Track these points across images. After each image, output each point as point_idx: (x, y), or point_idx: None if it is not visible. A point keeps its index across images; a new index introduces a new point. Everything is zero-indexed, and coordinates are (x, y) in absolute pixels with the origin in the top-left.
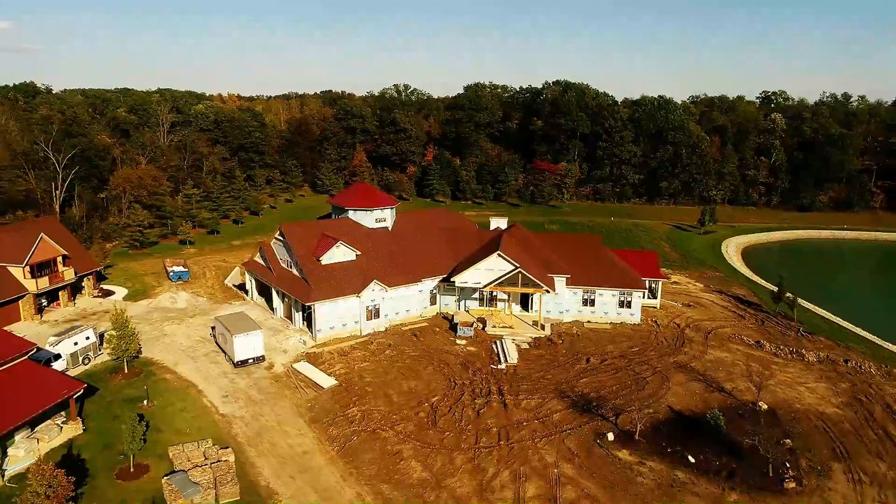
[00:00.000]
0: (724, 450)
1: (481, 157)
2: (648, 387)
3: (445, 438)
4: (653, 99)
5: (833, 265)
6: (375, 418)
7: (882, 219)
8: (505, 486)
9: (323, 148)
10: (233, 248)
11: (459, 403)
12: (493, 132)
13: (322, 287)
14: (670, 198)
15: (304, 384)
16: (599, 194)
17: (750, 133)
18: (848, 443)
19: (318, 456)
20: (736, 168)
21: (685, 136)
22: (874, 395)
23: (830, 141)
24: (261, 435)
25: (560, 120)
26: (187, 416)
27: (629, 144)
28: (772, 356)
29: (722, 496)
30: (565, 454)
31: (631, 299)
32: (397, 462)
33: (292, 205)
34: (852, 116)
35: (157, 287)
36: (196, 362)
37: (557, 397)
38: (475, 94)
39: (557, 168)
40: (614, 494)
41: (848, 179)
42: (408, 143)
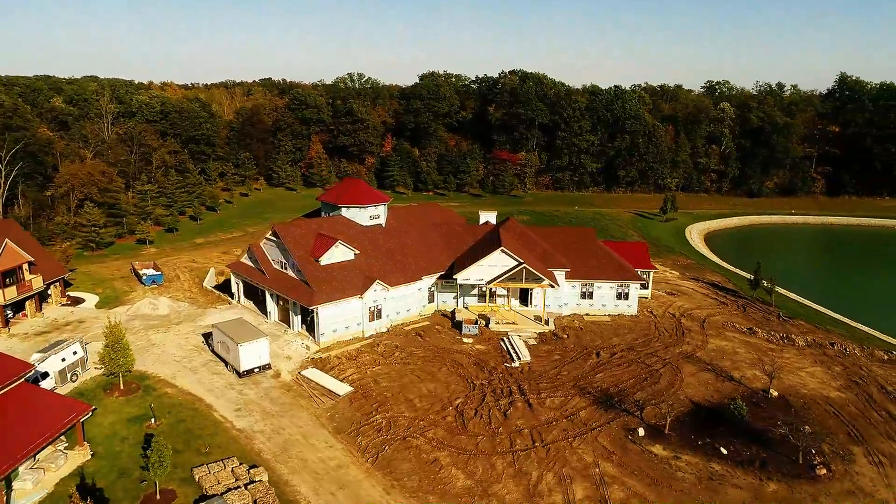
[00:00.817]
0: (750, 439)
1: (440, 148)
2: (663, 379)
3: (479, 443)
4: (609, 89)
5: (790, 249)
6: (402, 425)
7: (823, 203)
8: (552, 490)
9: (277, 139)
10: (196, 246)
11: (484, 405)
12: (452, 122)
13: (324, 289)
14: (627, 186)
15: (319, 392)
16: (559, 183)
17: (701, 122)
18: (859, 426)
19: (354, 469)
20: (689, 156)
21: (641, 126)
22: (867, 377)
23: (776, 129)
24: (287, 450)
25: (519, 110)
26: (202, 434)
27: (587, 134)
28: (765, 343)
29: (761, 486)
30: (602, 452)
31: (628, 291)
32: (437, 471)
33: (248, 199)
34: (793, 106)
35: (131, 292)
36: (196, 374)
37: (579, 394)
38: (432, 84)
39: (517, 158)
40: (660, 491)
41: (791, 166)
42: (365, 133)
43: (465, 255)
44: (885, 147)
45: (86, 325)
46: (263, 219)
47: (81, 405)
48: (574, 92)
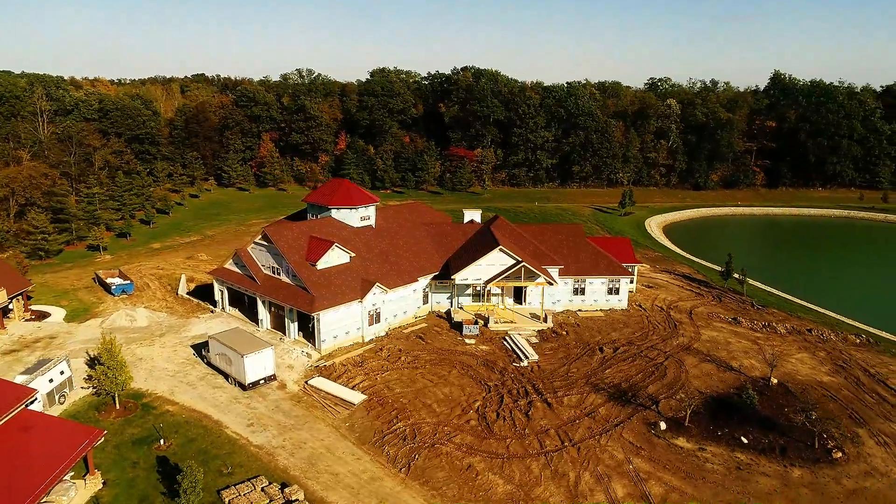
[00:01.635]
0: (764, 426)
1: (396, 145)
2: (669, 372)
3: (510, 445)
4: (561, 86)
5: (744, 239)
6: (427, 432)
7: (763, 195)
8: (593, 490)
9: (225, 138)
10: (154, 252)
11: (504, 407)
12: (406, 119)
13: (324, 294)
14: (581, 181)
15: (332, 402)
16: (515, 179)
17: (650, 118)
18: (856, 408)
19: (388, 481)
20: (638, 151)
21: (594, 122)
22: (850, 361)
23: (719, 125)
24: (314, 464)
25: (475, 106)
26: (218, 453)
27: (542, 130)
28: (751, 332)
29: (786, 473)
30: (630, 448)
31: (619, 286)
32: (474, 477)
33: (200, 200)
34: (732, 103)
35: (100, 304)
36: (195, 388)
37: (593, 391)
38: (386, 80)
39: (474, 154)
40: (696, 484)
41: (733, 160)
42: (319, 131)
43: (458, 255)
44: (817, 141)
45: (59, 342)
46: (220, 221)
47: (91, 430)
48: (527, 88)
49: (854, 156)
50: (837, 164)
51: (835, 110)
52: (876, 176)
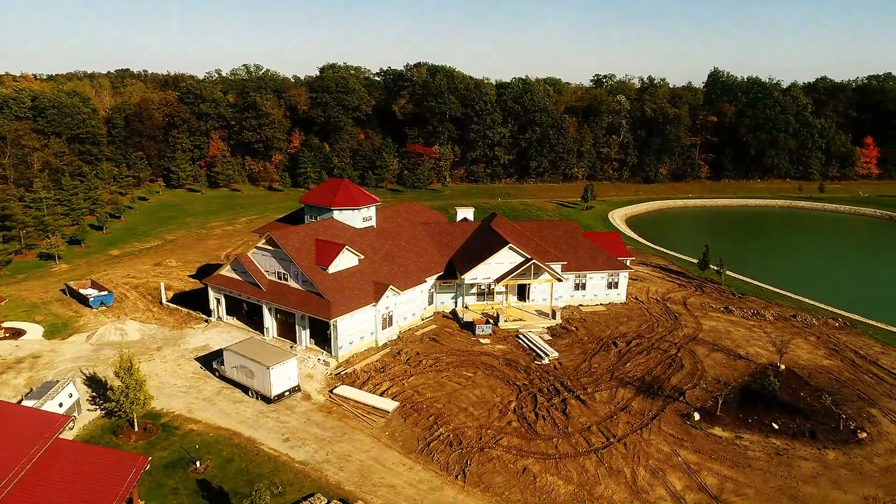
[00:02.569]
0: (789, 411)
1: (352, 143)
2: (686, 363)
3: (558, 445)
4: (516, 82)
5: (703, 229)
6: (471, 436)
7: (709, 187)
8: (652, 485)
9: (171, 136)
10: (114, 259)
11: (540, 406)
12: (361, 116)
13: (339, 299)
14: (538, 176)
15: (364, 411)
16: (473, 175)
17: (601, 114)
18: (861, 390)
19: (449, 489)
20: (591, 146)
21: (549, 118)
22: (840, 344)
23: (667, 120)
24: (367, 478)
25: (432, 103)
26: (261, 472)
27: (499, 126)
28: (743, 320)
29: (822, 455)
30: (673, 441)
31: (618, 280)
32: (533, 480)
33: (149, 203)
34: (677, 98)
35: (80, 318)
36: (214, 404)
37: (620, 385)
38: (339, 77)
39: (432, 151)
40: (745, 472)
41: (680, 154)
42: (271, 128)
43: (462, 254)
44: (756, 135)
45: (44, 361)
46: (177, 224)
47: (134, 457)
48: (481, 84)
49: (790, 149)
50: (775, 156)
51: (771, 106)
52: (808, 167)
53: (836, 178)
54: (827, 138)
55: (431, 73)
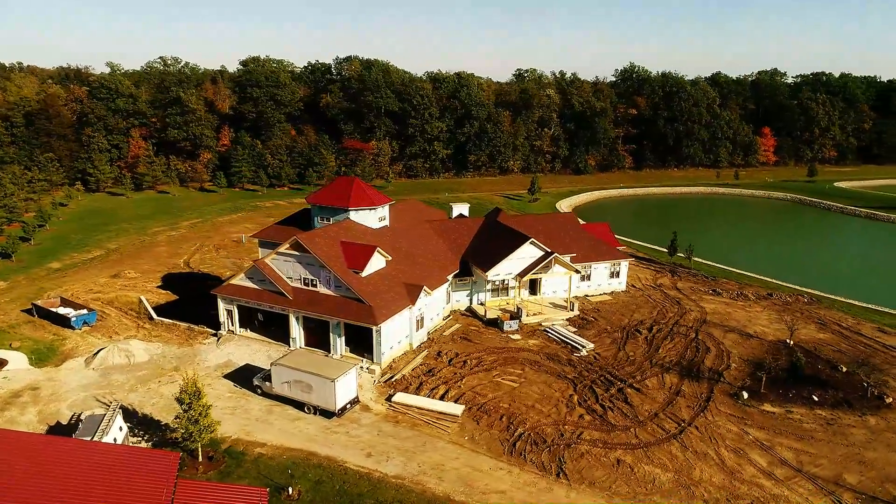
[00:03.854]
0: (816, 384)
1: (285, 139)
2: (710, 345)
3: (637, 434)
4: (452, 76)
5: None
6: (551, 433)
7: (633, 176)
8: (741, 464)
9: (85, 135)
10: (58, 273)
11: (601, 398)
12: (292, 112)
13: (380, 303)
14: (475, 170)
15: (433, 417)
16: (412, 170)
17: (533, 108)
18: (863, 359)
19: (558, 489)
20: (525, 139)
21: (485, 112)
22: (823, 318)
23: (595, 113)
24: (471, 486)
25: (369, 97)
26: (361, 492)
27: (436, 121)
28: (733, 301)
29: (865, 422)
30: (736, 420)
31: (620, 269)
32: (631, 471)
33: (71, 209)
34: (599, 92)
35: (65, 341)
36: (271, 424)
37: (663, 371)
38: (269, 70)
39: (370, 147)
40: (812, 444)
41: (606, 145)
42: (198, 125)
43: (475, 251)
44: (673, 126)
45: (48, 393)
46: (114, 231)
47: (254, 490)
48: (416, 79)
49: (703, 139)
50: (690, 146)
51: (685, 99)
52: (718, 156)
53: (741, 166)
54: (733, 129)
55: (366, 68)
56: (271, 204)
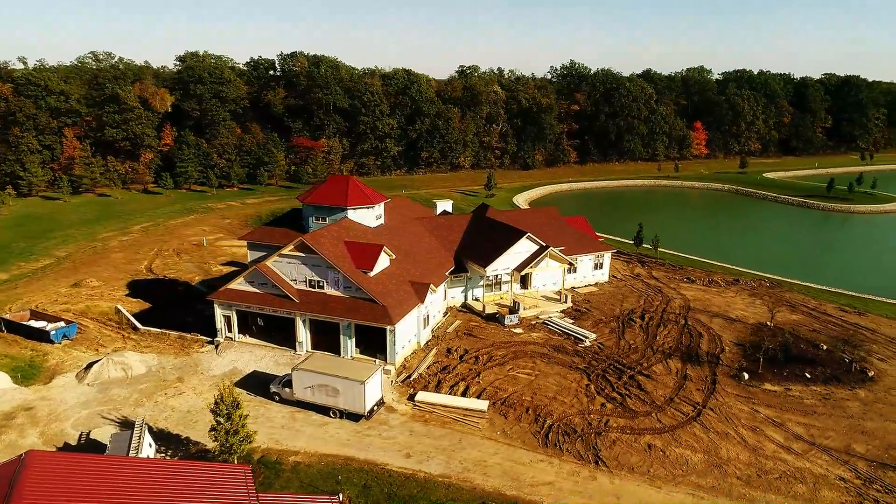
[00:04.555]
0: (804, 362)
1: (231, 138)
2: (701, 331)
3: (661, 419)
4: (401, 74)
5: (597, 208)
6: (578, 423)
7: (578, 170)
8: (760, 441)
9: (13, 136)
10: (6, 284)
11: (616, 387)
12: (237, 109)
13: (392, 303)
14: (427, 167)
15: (460, 414)
16: (363, 168)
17: (481, 104)
18: (838, 337)
19: (602, 477)
20: (474, 136)
21: (436, 109)
22: (792, 301)
23: (541, 109)
24: (519, 479)
25: (318, 94)
26: (411, 493)
27: (387, 118)
28: (707, 287)
29: (856, 395)
30: (744, 400)
31: (603, 261)
32: (664, 454)
33: (3, 215)
34: (542, 89)
35: (46, 356)
36: (299, 430)
37: (666, 358)
38: (212, 66)
39: (321, 145)
40: (817, 418)
41: (552, 141)
42: (139, 124)
43: (468, 247)
44: (615, 122)
45: (45, 413)
46: (59, 238)
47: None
48: (365, 76)
49: (642, 134)
50: (631, 141)
51: (625, 95)
52: (656, 150)
53: (676, 159)
54: (669, 124)
55: (314, 64)
56: (224, 205)
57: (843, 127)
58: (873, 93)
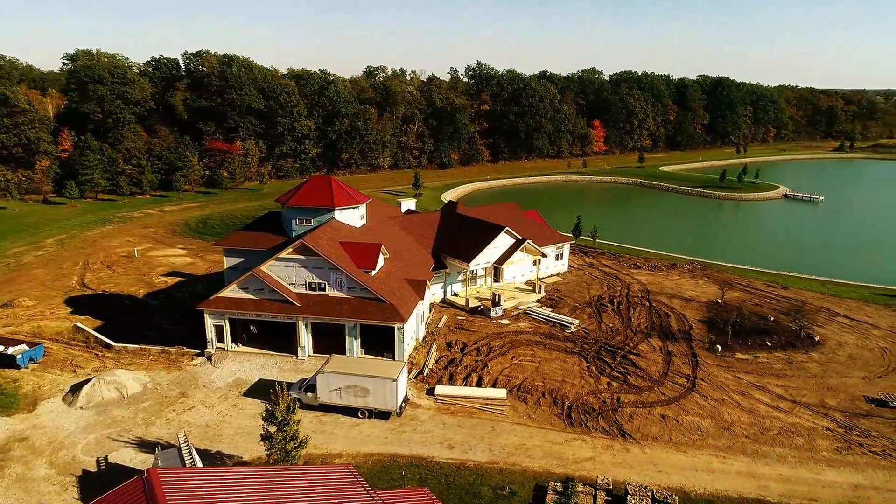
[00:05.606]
0: (759, 333)
1: (138, 142)
2: (667, 311)
3: (664, 392)
4: (317, 74)
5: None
6: (594, 402)
7: (491, 168)
8: (753, 404)
9: None
10: None
11: (614, 367)
12: (142, 111)
13: (398, 301)
14: (347, 168)
15: (481, 403)
16: (282, 171)
17: (398, 104)
18: (778, 309)
19: (633, 447)
20: (392, 136)
21: (354, 109)
22: (729, 280)
23: (455, 109)
24: (561, 458)
25: (232, 95)
26: (469, 481)
27: (304, 119)
28: (655, 272)
29: (811, 357)
30: (725, 369)
31: (563, 252)
32: (678, 423)
33: None
34: (452, 90)
35: (18, 382)
36: (333, 433)
37: (648, 337)
38: (113, 65)
39: (237, 148)
40: (789, 380)
41: (467, 140)
42: (32, 128)
43: (445, 243)
44: (524, 120)
45: (44, 442)
46: None
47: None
48: (279, 76)
49: (548, 132)
50: (539, 139)
51: (531, 94)
52: (560, 148)
53: (579, 156)
54: (571, 122)
55: (226, 63)
56: (141, 214)
57: (718, 124)
58: (741, 93)
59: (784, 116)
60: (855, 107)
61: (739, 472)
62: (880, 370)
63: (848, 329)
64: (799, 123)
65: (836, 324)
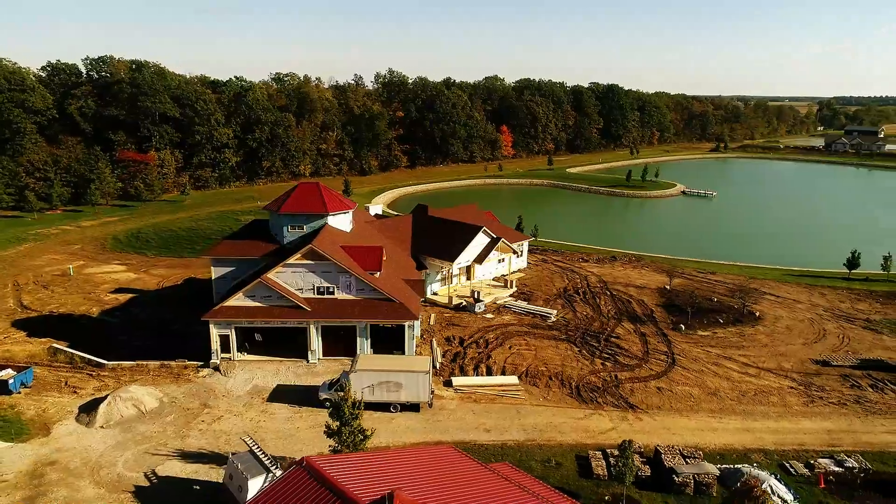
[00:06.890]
0: (710, 311)
1: (41, 154)
2: (627, 298)
3: (652, 368)
4: (234, 81)
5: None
6: (594, 381)
7: (409, 174)
8: (727, 371)
9: None
10: None
11: (602, 349)
12: (43, 120)
13: (407, 300)
14: (268, 176)
15: (499, 390)
16: (201, 181)
17: (315, 111)
18: (716, 291)
19: (644, 416)
20: (311, 143)
21: (274, 116)
22: (664, 268)
23: (373, 116)
24: (587, 431)
25: (146, 102)
26: (518, 458)
27: (223, 127)
28: (602, 264)
29: (757, 331)
30: (694, 344)
31: (523, 249)
32: (673, 393)
33: None
34: (367, 96)
35: (17, 407)
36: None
37: (620, 322)
38: (7, 71)
39: (152, 158)
40: (748, 349)
41: (385, 146)
42: None
43: (424, 245)
44: (439, 126)
45: (75, 465)
46: None
47: None
48: (192, 82)
49: (462, 137)
50: (454, 144)
51: (445, 101)
52: (473, 153)
53: (490, 160)
54: (482, 127)
55: (136, 69)
56: (57, 230)
57: (611, 127)
58: (629, 98)
59: (666, 120)
60: (723, 111)
61: (737, 429)
62: (814, 337)
63: (778, 305)
64: (678, 126)
65: (766, 301)
